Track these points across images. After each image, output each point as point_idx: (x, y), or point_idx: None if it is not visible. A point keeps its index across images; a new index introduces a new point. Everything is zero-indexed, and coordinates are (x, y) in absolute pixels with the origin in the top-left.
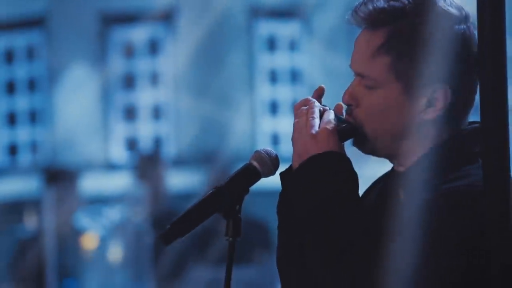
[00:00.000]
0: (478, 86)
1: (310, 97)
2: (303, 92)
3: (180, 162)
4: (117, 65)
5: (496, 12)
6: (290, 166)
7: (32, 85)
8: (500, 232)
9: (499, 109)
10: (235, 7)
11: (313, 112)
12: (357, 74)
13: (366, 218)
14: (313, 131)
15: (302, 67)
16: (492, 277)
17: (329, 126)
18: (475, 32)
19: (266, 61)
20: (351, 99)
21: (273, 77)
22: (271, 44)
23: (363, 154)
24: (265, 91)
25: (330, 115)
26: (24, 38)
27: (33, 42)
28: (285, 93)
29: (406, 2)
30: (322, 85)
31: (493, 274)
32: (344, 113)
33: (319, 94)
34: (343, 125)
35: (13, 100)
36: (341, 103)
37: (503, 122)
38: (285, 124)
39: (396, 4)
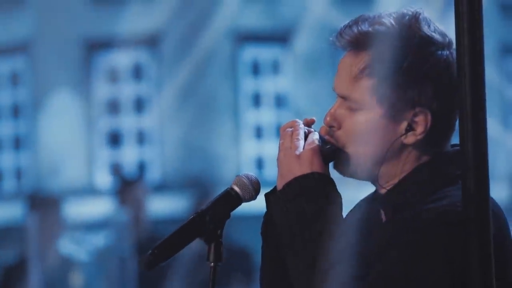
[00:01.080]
0: None
1: (296, 119)
2: (288, 116)
3: (165, 187)
4: (101, 90)
5: (474, 36)
6: (275, 187)
7: (16, 111)
8: (480, 252)
9: (478, 131)
10: (220, 33)
11: (298, 134)
12: (340, 96)
13: (350, 239)
14: (297, 152)
15: (286, 91)
16: None
17: (313, 148)
18: None
19: (250, 85)
20: (333, 121)
21: (257, 101)
22: (255, 69)
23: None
24: (249, 116)
25: (315, 137)
26: (8, 64)
27: (17, 68)
28: (269, 117)
29: (391, 26)
30: (314, 118)
31: None
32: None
33: (308, 123)
34: (327, 147)
35: None
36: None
37: (483, 144)
38: (269, 148)
39: (381, 28)
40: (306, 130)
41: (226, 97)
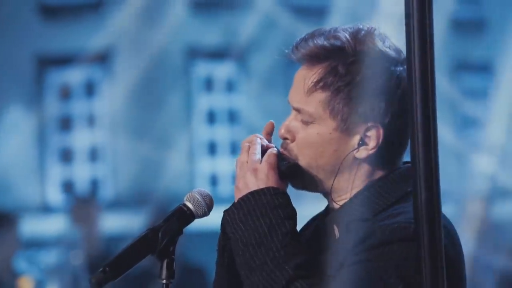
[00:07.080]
0: None
1: (257, 134)
2: (241, 133)
3: (118, 204)
4: (53, 107)
5: (425, 49)
6: (233, 204)
7: None
8: (432, 266)
9: (429, 148)
10: (172, 48)
11: (255, 149)
12: (294, 109)
13: (304, 253)
14: (254, 167)
15: (240, 107)
16: None
17: (270, 162)
18: None
19: (203, 101)
20: (287, 133)
21: (211, 118)
22: (208, 85)
23: (304, 192)
24: (203, 132)
25: (273, 152)
26: None
27: None
28: (223, 134)
29: (346, 41)
30: (272, 121)
31: None
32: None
33: (267, 131)
34: (284, 163)
35: None
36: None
37: (434, 162)
38: (223, 165)
39: (336, 42)
40: (265, 145)
41: (179, 113)
